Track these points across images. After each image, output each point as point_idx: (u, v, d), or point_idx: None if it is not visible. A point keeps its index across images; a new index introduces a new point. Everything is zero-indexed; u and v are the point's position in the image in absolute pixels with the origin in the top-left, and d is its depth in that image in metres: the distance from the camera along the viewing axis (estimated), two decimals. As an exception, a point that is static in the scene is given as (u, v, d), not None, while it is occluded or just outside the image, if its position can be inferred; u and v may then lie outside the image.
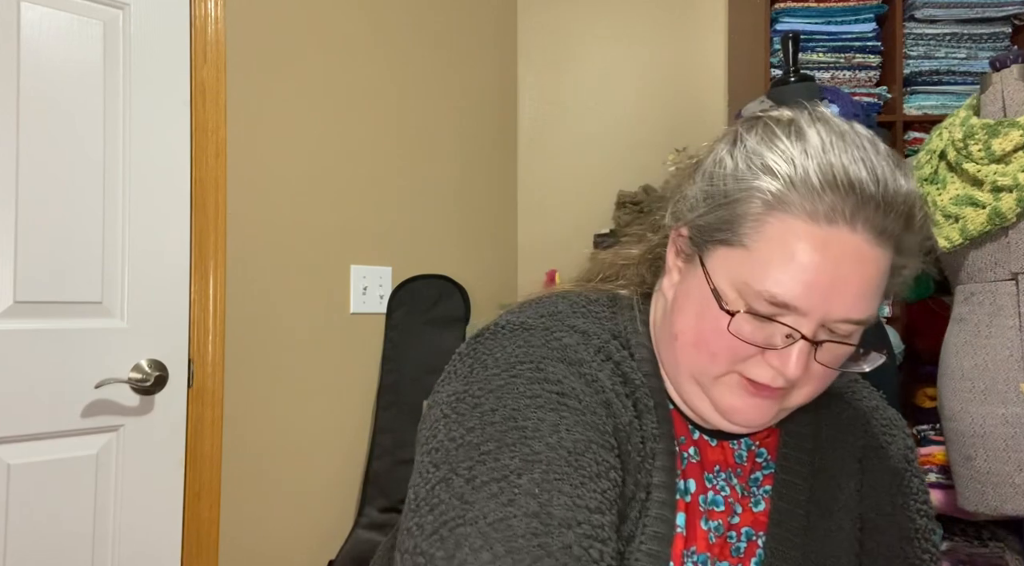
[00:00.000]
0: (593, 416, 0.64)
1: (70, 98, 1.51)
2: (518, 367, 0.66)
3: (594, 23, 2.65)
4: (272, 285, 1.80)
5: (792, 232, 0.62)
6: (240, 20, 1.74)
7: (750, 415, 0.68)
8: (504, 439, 0.60)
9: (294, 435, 1.84)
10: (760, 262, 0.63)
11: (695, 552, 0.70)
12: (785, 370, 0.64)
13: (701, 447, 0.74)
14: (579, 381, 0.66)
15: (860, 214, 0.62)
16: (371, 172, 2.04)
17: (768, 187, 0.63)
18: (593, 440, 0.62)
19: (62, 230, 1.49)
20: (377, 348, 2.03)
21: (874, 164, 0.62)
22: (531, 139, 2.64)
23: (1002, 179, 1.58)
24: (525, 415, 0.61)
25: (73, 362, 1.49)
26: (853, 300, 0.63)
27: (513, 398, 0.63)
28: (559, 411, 0.62)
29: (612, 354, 0.71)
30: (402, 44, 2.14)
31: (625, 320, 0.76)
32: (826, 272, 0.62)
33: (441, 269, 2.19)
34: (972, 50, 2.22)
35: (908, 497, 0.79)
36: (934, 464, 2.10)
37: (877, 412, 0.81)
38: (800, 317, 0.63)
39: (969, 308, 1.69)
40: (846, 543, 0.74)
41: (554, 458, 0.59)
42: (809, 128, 0.65)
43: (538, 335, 0.69)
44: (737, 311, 0.64)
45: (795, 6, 2.24)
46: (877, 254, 0.63)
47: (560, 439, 0.60)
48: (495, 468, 0.58)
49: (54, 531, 1.46)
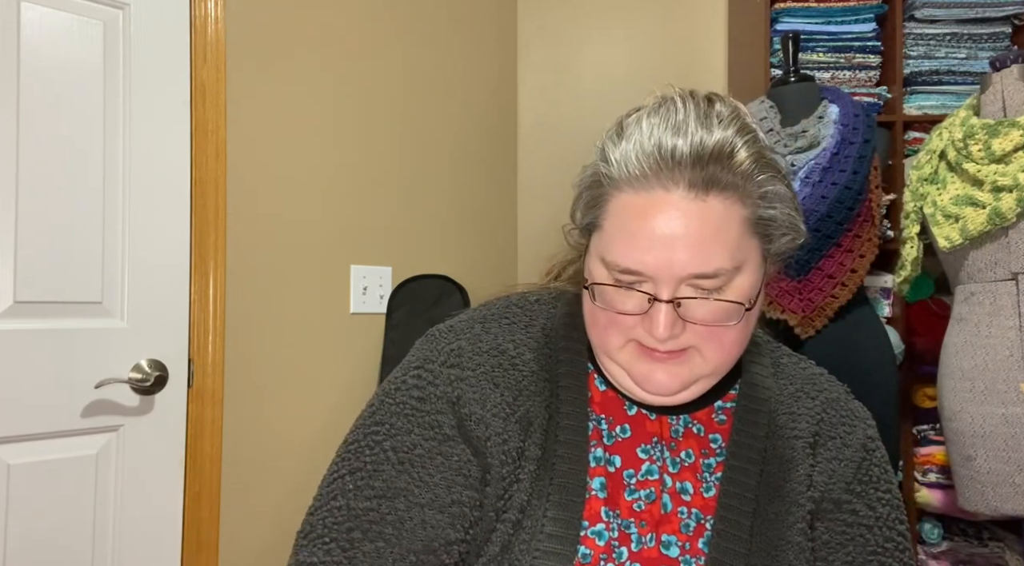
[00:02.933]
0: (437, 424, 0.76)
1: (70, 98, 1.51)
2: (411, 372, 0.80)
3: (594, 23, 2.65)
4: (272, 285, 1.80)
5: (623, 206, 0.70)
6: (240, 20, 1.74)
7: (659, 381, 0.72)
8: (376, 467, 0.76)
9: (294, 435, 1.84)
10: (607, 238, 0.71)
11: (619, 515, 0.75)
12: (655, 332, 0.69)
13: (636, 422, 0.79)
14: (447, 385, 0.77)
15: (671, 174, 0.67)
16: (371, 172, 2.04)
17: (602, 170, 0.71)
18: (436, 451, 0.75)
19: (62, 230, 1.49)
20: (377, 348, 2.03)
21: (679, 124, 0.67)
22: (531, 139, 2.64)
23: (1002, 179, 1.58)
24: (393, 432, 0.77)
25: (73, 362, 1.49)
26: (689, 255, 0.67)
27: (391, 406, 0.78)
28: (411, 429, 0.76)
29: (538, 345, 0.81)
30: (402, 44, 2.14)
31: (562, 314, 0.84)
32: (653, 235, 0.67)
33: (441, 269, 2.19)
34: (972, 50, 2.22)
35: (868, 486, 0.80)
36: (934, 464, 2.10)
37: (837, 404, 0.83)
38: (649, 281, 0.69)
39: (969, 308, 1.69)
40: (795, 527, 0.76)
41: (402, 473, 0.75)
42: (640, 112, 0.71)
43: (445, 339, 0.81)
44: (594, 283, 0.71)
45: (795, 6, 2.24)
46: (700, 207, 0.67)
47: (408, 460, 0.75)
48: (362, 488, 0.75)
49: (54, 531, 1.46)
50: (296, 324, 1.84)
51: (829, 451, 0.80)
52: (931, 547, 2.14)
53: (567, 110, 2.63)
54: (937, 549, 2.13)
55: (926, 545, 2.15)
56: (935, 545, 2.14)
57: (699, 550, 0.75)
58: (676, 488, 0.77)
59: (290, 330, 1.83)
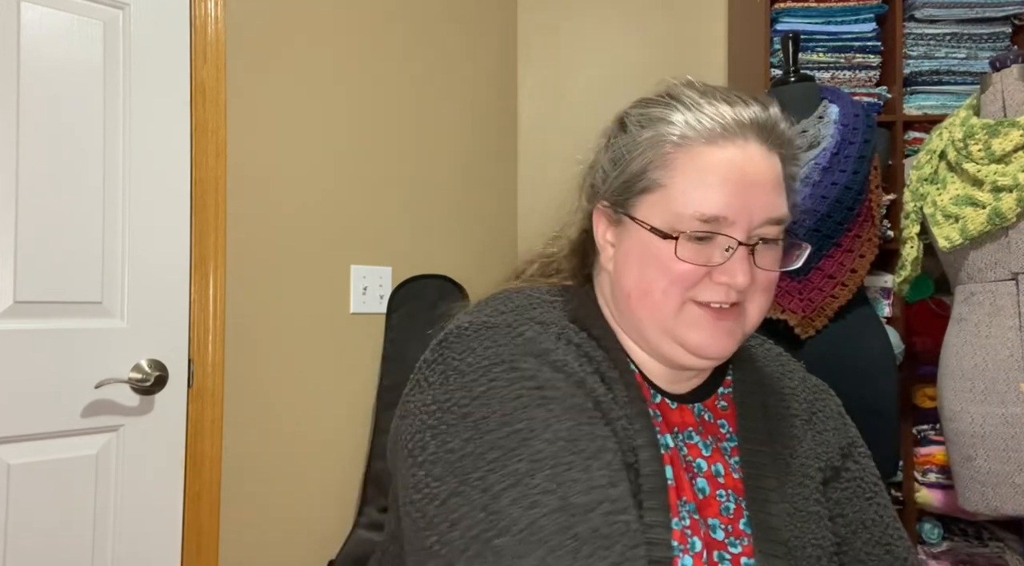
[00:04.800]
0: (574, 399, 0.68)
1: (70, 98, 1.51)
2: (493, 370, 0.68)
3: (594, 23, 2.65)
4: (272, 285, 1.80)
5: (699, 157, 0.73)
6: (240, 20, 1.74)
7: (719, 343, 0.74)
8: (506, 444, 0.63)
9: (294, 435, 1.84)
10: (681, 190, 0.73)
11: (685, 502, 0.75)
12: (735, 280, 0.72)
13: (663, 410, 0.80)
14: (551, 370, 0.69)
15: (747, 132, 0.74)
16: (371, 172, 2.04)
17: (667, 131, 0.75)
18: (582, 423, 0.66)
19: (62, 230, 1.49)
20: (377, 348, 2.03)
21: (741, 99, 0.75)
22: (531, 139, 2.64)
23: (1002, 179, 1.58)
24: (517, 417, 0.64)
25: (73, 362, 1.49)
26: (768, 197, 0.73)
27: (499, 403, 0.66)
28: (545, 405, 0.66)
29: (572, 338, 0.76)
30: (402, 43, 2.14)
31: (579, 304, 0.82)
32: (737, 178, 0.72)
33: (441, 269, 2.19)
34: (972, 50, 2.22)
35: (852, 447, 0.89)
36: (934, 464, 2.10)
37: (807, 381, 0.91)
38: (730, 226, 0.72)
39: (969, 308, 1.69)
40: (811, 499, 0.81)
41: (557, 451, 0.62)
42: (679, 90, 0.78)
43: (502, 332, 0.72)
44: (680, 233, 0.72)
45: (795, 6, 2.24)
46: (771, 160, 0.75)
47: (555, 432, 0.64)
48: (507, 475, 0.61)
49: (54, 531, 1.46)
50: (296, 324, 1.84)
51: (818, 424, 0.87)
52: (931, 547, 2.14)
53: (567, 110, 2.63)
54: (937, 549, 2.13)
55: (926, 545, 2.14)
56: (935, 545, 2.14)
57: (741, 531, 0.77)
58: (712, 471, 0.79)
59: (290, 330, 1.83)
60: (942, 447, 2.06)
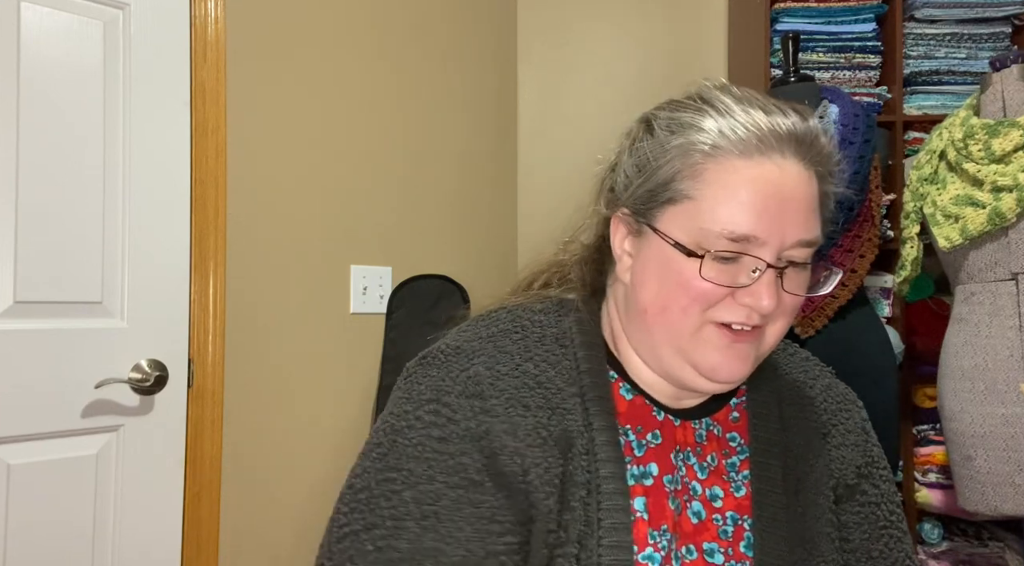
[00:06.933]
0: (462, 459, 0.70)
1: (70, 98, 1.51)
2: (424, 407, 0.72)
3: (594, 23, 2.65)
4: (272, 285, 1.80)
5: (732, 171, 0.68)
6: (240, 20, 1.74)
7: (732, 367, 0.71)
8: (381, 489, 0.70)
9: (294, 435, 1.84)
10: (710, 205, 0.68)
11: (666, 530, 0.72)
12: (760, 303, 0.68)
13: (665, 428, 0.77)
14: (470, 420, 0.70)
15: (784, 146, 0.69)
16: (371, 172, 2.04)
17: (698, 139, 0.69)
18: (455, 486, 0.68)
19: (62, 230, 1.49)
20: (377, 348, 2.03)
21: (779, 108, 0.70)
22: (531, 139, 2.64)
23: (1002, 179, 1.58)
24: (402, 464, 0.70)
25: (73, 362, 1.49)
26: (802, 218, 0.69)
27: (402, 445, 0.71)
28: (430, 461, 0.70)
29: (529, 370, 0.74)
30: (402, 44, 2.14)
31: (571, 322, 0.79)
32: (771, 196, 0.67)
33: (441, 269, 2.18)
34: (972, 50, 2.22)
35: (871, 467, 0.82)
36: (934, 464, 2.10)
37: (832, 389, 0.85)
38: (760, 247, 0.68)
39: (969, 308, 1.69)
40: (823, 518, 0.77)
41: (420, 511, 0.68)
42: (712, 94, 0.72)
43: (456, 364, 0.74)
44: (707, 251, 0.68)
45: (795, 6, 2.24)
46: (809, 176, 0.70)
47: (422, 492, 0.68)
48: (374, 519, 0.69)
49: (54, 531, 1.46)
50: (296, 324, 1.84)
51: (836, 438, 0.82)
52: (931, 547, 2.14)
53: (567, 110, 2.63)
54: (937, 549, 2.13)
55: (926, 545, 2.14)
56: (935, 545, 2.14)
57: (743, 555, 0.74)
58: (707, 495, 0.75)
59: (290, 330, 1.83)
60: (942, 447, 2.06)
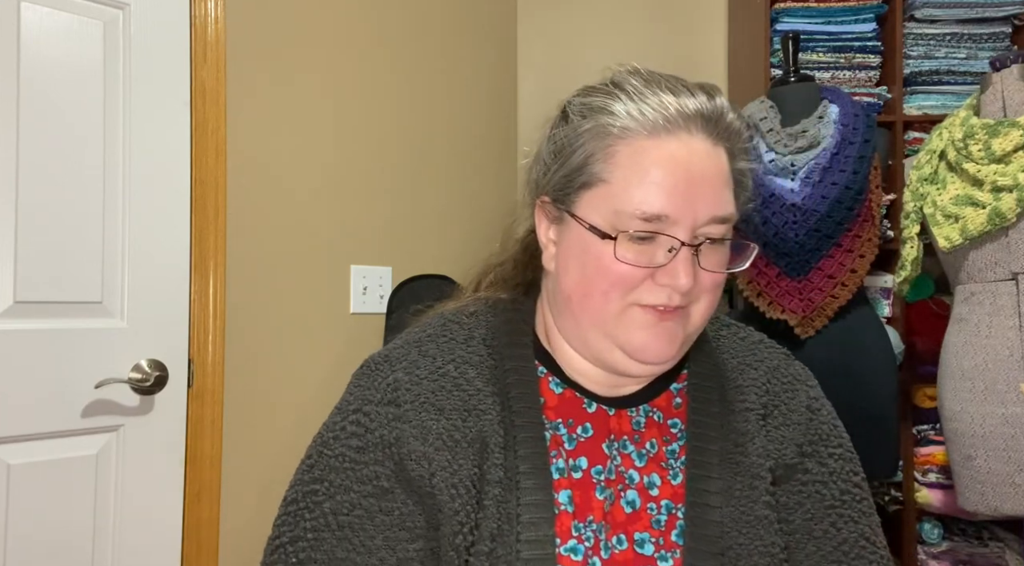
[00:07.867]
0: (376, 467, 0.73)
1: (70, 98, 1.50)
2: (349, 416, 0.77)
3: (594, 23, 2.65)
4: (272, 285, 1.80)
5: (641, 151, 0.69)
6: (240, 20, 1.74)
7: (660, 346, 0.71)
8: (304, 500, 0.75)
9: (294, 435, 1.83)
10: (622, 187, 0.69)
11: (592, 522, 0.73)
12: (677, 282, 0.68)
13: (597, 420, 0.77)
14: (384, 427, 0.74)
15: (691, 124, 0.69)
16: (371, 172, 2.04)
17: (608, 122, 0.70)
18: (368, 495, 0.73)
19: (62, 230, 1.49)
20: (377, 348, 2.02)
21: (687, 88, 0.71)
22: (531, 139, 2.64)
23: (1002, 179, 1.58)
24: (322, 475, 0.75)
25: (73, 362, 1.49)
26: (713, 194, 0.69)
27: (327, 457, 0.76)
28: (346, 471, 0.74)
29: (450, 372, 0.77)
30: (402, 44, 2.14)
31: (500, 321, 0.81)
32: (680, 174, 0.68)
33: (441, 269, 2.18)
34: (972, 50, 2.22)
35: (817, 444, 0.80)
36: (934, 464, 2.10)
37: (779, 370, 0.84)
38: (673, 225, 0.68)
39: (969, 308, 1.69)
40: (761, 501, 0.76)
41: (338, 522, 0.73)
42: (623, 78, 0.74)
43: (382, 372, 0.78)
44: (621, 232, 0.68)
45: (795, 6, 2.24)
46: (718, 152, 0.71)
47: (338, 503, 0.73)
48: (297, 531, 0.74)
49: (54, 531, 1.46)
50: (296, 324, 1.84)
51: (777, 419, 0.80)
52: (931, 547, 2.14)
53: (567, 110, 2.62)
54: (937, 549, 2.13)
55: (926, 545, 2.14)
56: (935, 545, 2.14)
57: (673, 543, 0.73)
58: (644, 483, 0.75)
59: (290, 330, 1.83)
60: (942, 447, 2.06)
